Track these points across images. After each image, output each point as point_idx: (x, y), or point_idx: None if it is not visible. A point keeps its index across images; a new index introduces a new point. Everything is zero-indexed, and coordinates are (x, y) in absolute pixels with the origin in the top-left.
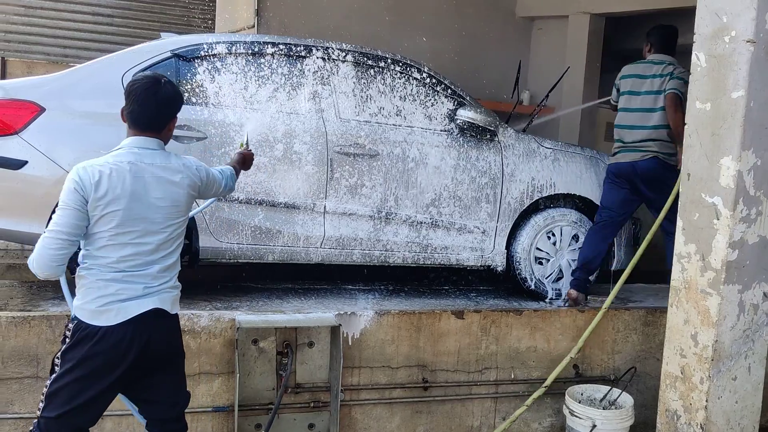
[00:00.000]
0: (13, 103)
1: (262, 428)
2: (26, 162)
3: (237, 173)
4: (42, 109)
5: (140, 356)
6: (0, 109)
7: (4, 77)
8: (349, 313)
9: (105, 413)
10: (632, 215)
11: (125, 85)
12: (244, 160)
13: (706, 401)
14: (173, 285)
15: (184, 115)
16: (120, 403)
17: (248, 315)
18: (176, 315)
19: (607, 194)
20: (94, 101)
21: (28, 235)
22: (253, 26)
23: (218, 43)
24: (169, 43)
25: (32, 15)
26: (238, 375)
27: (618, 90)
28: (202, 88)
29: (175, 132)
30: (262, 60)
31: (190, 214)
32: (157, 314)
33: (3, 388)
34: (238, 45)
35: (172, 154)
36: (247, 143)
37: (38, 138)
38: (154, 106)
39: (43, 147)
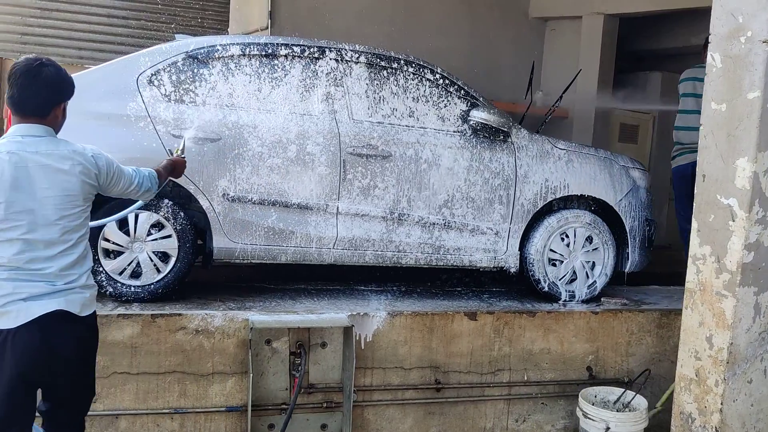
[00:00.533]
0: None
1: (275, 428)
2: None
3: (162, 178)
4: None
5: (49, 359)
6: None
7: None
8: (361, 313)
9: (119, 413)
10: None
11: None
12: (174, 167)
13: (721, 404)
14: (84, 284)
15: (199, 116)
16: (133, 402)
17: (261, 315)
18: (89, 317)
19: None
20: (109, 103)
21: None
22: (267, 28)
23: (232, 44)
24: (184, 44)
25: (48, 17)
26: (251, 375)
27: (682, 93)
28: (216, 90)
29: (189, 134)
30: (276, 61)
31: (108, 219)
32: (64, 317)
33: None
34: (251, 46)
35: (63, 141)
36: (182, 150)
37: None
38: (34, 89)
39: None
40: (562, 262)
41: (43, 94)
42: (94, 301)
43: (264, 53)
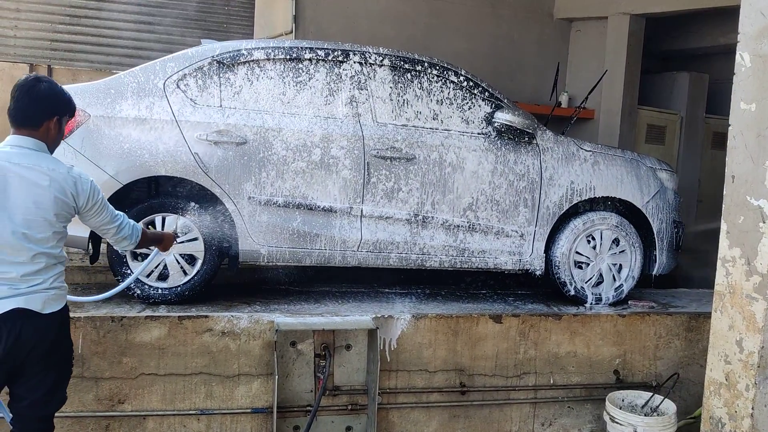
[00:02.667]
0: None
1: (300, 430)
2: (72, 167)
3: (144, 239)
4: (87, 115)
5: (10, 354)
6: None
7: None
8: (386, 316)
9: (146, 414)
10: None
11: None
12: (163, 239)
13: (752, 409)
14: (49, 286)
15: (225, 120)
16: (160, 403)
17: (287, 317)
18: (54, 314)
19: None
20: (137, 107)
21: (72, 237)
22: (291, 32)
23: (257, 48)
24: (209, 49)
25: (77, 24)
26: (276, 376)
27: None
28: (241, 94)
29: (215, 138)
30: (300, 65)
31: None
32: (23, 314)
33: None
34: (276, 50)
35: (51, 158)
36: (176, 232)
37: (83, 144)
38: (27, 102)
39: (88, 152)
40: (589, 264)
41: (34, 107)
42: (62, 298)
43: (288, 57)
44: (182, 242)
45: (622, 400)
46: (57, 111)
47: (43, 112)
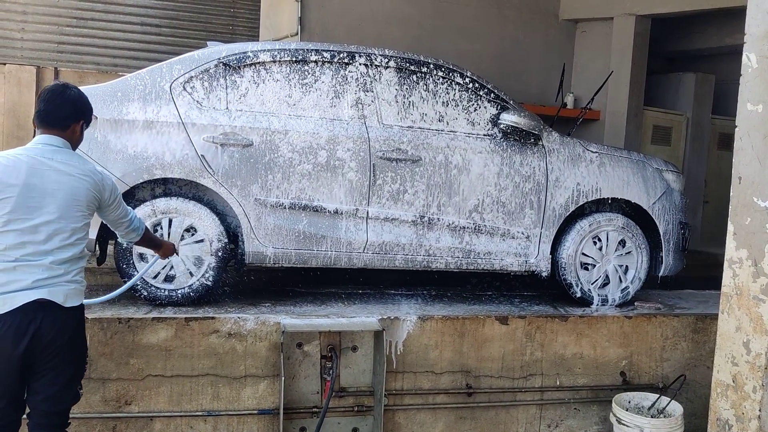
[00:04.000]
0: None
1: (307, 431)
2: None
3: (146, 237)
4: (94, 118)
5: (30, 346)
6: None
7: None
8: (392, 317)
9: (153, 415)
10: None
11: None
12: (162, 246)
13: (759, 410)
14: (71, 279)
15: (231, 122)
16: (167, 404)
17: (293, 319)
18: (74, 308)
19: None
20: (143, 109)
21: None
22: (297, 34)
23: (263, 51)
24: (215, 51)
25: (83, 26)
26: (282, 378)
27: None
28: (247, 96)
29: (221, 140)
30: (306, 67)
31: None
32: (44, 306)
33: None
34: (282, 53)
35: (78, 156)
36: (176, 248)
37: (90, 146)
38: (58, 104)
39: (95, 154)
40: (595, 266)
41: (65, 110)
42: (81, 294)
43: (294, 59)
44: (188, 244)
45: (629, 402)
46: (83, 116)
47: (72, 115)
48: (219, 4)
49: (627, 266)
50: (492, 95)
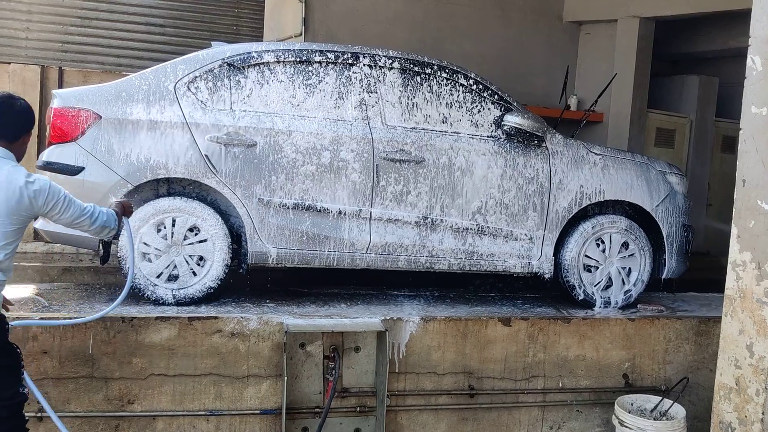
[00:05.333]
0: (71, 111)
1: (309, 431)
2: (83, 168)
3: (119, 217)
4: (98, 117)
5: None
6: (58, 117)
7: (61, 86)
8: (395, 318)
9: (156, 414)
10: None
11: None
12: (123, 206)
13: (762, 414)
14: None
15: (235, 122)
16: (170, 404)
17: (296, 319)
18: None
19: None
20: (147, 109)
21: (83, 239)
22: (300, 34)
23: (267, 51)
24: (220, 51)
25: (88, 26)
26: (285, 378)
27: None
28: (251, 96)
29: (225, 140)
30: (310, 68)
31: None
32: None
33: (60, 387)
34: (286, 53)
35: (12, 164)
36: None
37: (94, 145)
38: (10, 117)
39: (99, 154)
40: (598, 268)
41: (14, 121)
42: None
43: (298, 60)
44: (191, 244)
45: (631, 404)
46: (30, 126)
47: (22, 126)
48: (223, 5)
49: (630, 269)
50: (496, 97)
